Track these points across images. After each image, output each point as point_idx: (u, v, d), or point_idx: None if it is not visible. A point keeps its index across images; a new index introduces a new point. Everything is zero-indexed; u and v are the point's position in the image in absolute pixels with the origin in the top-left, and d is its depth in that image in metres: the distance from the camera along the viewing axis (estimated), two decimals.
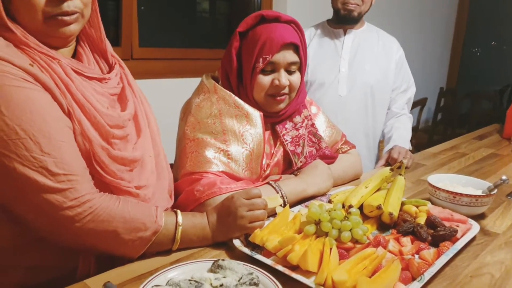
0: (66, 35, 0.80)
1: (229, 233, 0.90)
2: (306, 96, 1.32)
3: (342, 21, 1.80)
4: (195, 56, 2.45)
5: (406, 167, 1.52)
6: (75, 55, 0.88)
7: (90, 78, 0.85)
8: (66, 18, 0.77)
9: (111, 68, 0.93)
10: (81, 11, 0.80)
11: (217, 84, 1.16)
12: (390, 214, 1.00)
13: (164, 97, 1.95)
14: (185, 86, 2.19)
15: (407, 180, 1.28)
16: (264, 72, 1.11)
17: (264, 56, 1.08)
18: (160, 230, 0.83)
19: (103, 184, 0.82)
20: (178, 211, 0.89)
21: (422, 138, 3.96)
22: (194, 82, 2.21)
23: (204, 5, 2.88)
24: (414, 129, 3.83)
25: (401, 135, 1.76)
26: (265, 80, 1.12)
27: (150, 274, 0.76)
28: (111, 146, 0.84)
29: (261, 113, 1.15)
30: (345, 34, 1.83)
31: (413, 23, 4.00)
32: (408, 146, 1.71)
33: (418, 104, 3.69)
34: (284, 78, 1.12)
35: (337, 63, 1.82)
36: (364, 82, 1.80)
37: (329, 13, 1.87)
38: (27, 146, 0.71)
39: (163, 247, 0.86)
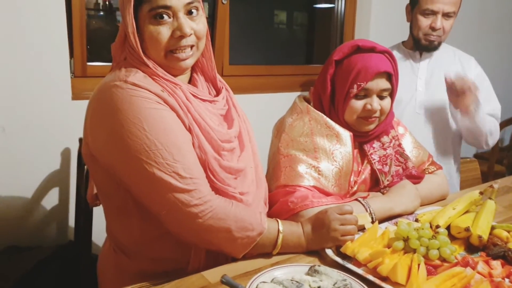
0: (183, 68, 0.99)
1: (322, 243, 0.99)
2: (393, 118, 1.37)
3: (421, 49, 1.85)
4: (277, 72, 2.58)
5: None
6: (191, 80, 1.06)
7: (204, 100, 1.02)
8: (182, 55, 0.95)
9: (218, 92, 1.09)
10: (196, 44, 0.97)
11: (309, 106, 1.27)
12: (479, 236, 1.02)
13: (250, 110, 2.11)
14: (269, 101, 2.34)
15: (499, 204, 1.27)
16: (357, 97, 1.20)
17: (358, 83, 1.17)
18: (264, 233, 0.95)
19: (213, 190, 0.96)
20: (279, 220, 1.00)
21: None
22: (276, 96, 2.36)
23: (281, 17, 3.00)
24: (507, 148, 3.61)
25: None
26: (357, 104, 1.20)
27: (254, 272, 0.88)
28: (221, 157, 0.99)
29: (351, 133, 1.23)
30: (421, 56, 1.88)
31: (505, 38, 3.78)
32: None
33: None
34: (376, 103, 1.19)
35: (414, 82, 1.87)
36: (442, 100, 1.82)
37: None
38: (163, 155, 0.87)
39: (264, 250, 0.97)
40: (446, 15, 1.75)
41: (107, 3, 2.15)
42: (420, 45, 1.83)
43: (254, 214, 0.96)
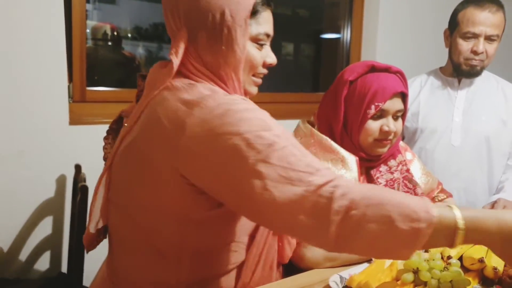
0: (253, 93, 0.98)
1: None
2: (400, 141, 1.33)
3: (461, 75, 1.71)
4: (281, 100, 2.57)
5: None
6: None
7: None
8: (259, 80, 0.97)
9: None
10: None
11: (313, 129, 1.22)
12: (494, 268, 0.95)
13: None
14: None
15: None
16: (373, 118, 1.16)
17: (376, 103, 1.14)
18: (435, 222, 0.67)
19: None
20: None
21: None
22: (281, 123, 2.32)
23: (288, 49, 3.02)
24: None
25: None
26: (374, 125, 1.16)
27: None
28: None
29: (357, 158, 1.18)
30: (459, 83, 1.75)
31: None
32: None
33: None
34: (392, 124, 1.17)
35: (450, 112, 1.73)
36: (480, 132, 1.69)
37: (420, 63, 1.85)
38: (293, 151, 0.74)
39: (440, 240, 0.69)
40: (489, 39, 1.60)
41: (114, 33, 2.18)
42: (460, 71, 1.68)
43: (412, 197, 0.72)
